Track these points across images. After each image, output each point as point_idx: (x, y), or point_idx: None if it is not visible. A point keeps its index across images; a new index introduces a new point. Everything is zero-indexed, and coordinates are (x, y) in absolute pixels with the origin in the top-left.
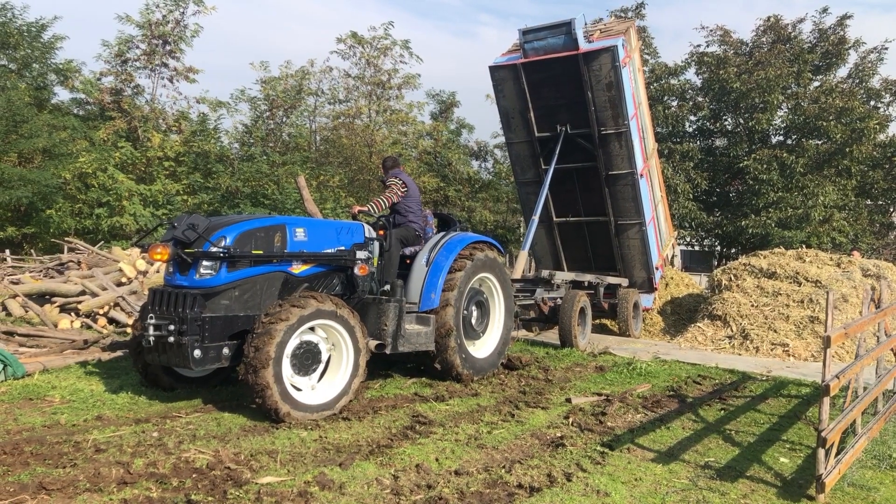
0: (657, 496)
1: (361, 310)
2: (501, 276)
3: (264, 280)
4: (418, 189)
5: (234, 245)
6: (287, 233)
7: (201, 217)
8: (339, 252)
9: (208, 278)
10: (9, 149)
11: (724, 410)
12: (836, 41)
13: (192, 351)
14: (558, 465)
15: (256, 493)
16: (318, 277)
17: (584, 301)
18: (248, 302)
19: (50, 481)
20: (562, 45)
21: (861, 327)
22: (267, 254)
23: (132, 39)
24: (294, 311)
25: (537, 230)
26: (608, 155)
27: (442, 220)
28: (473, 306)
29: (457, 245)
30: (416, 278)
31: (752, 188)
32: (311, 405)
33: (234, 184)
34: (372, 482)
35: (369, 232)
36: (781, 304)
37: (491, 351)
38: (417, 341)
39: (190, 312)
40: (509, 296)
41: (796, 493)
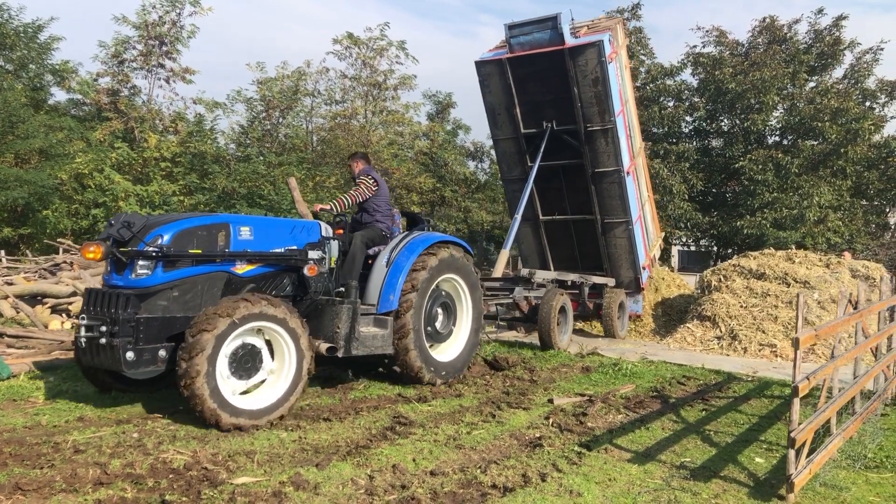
0: (629, 496)
1: (315, 312)
2: (469, 277)
3: (205, 280)
4: (387, 188)
5: (170, 244)
6: (231, 231)
7: (139, 215)
8: (290, 252)
9: (143, 278)
10: (5, 149)
11: (705, 411)
12: (831, 42)
13: (124, 353)
14: (534, 465)
15: (231, 493)
16: (265, 278)
17: (563, 300)
18: (189, 303)
19: (26, 482)
20: (548, 39)
21: (833, 329)
22: (206, 253)
23: (129, 40)
24: (221, 319)
25: (523, 228)
26: (594, 152)
27: (410, 219)
28: (438, 308)
29: (419, 245)
30: (375, 279)
31: (747, 189)
32: (253, 410)
33: (231, 184)
34: (347, 482)
35: (326, 231)
36: (770, 305)
37: (458, 353)
38: (373, 344)
39: (122, 313)
40: (477, 298)
41: (767, 493)
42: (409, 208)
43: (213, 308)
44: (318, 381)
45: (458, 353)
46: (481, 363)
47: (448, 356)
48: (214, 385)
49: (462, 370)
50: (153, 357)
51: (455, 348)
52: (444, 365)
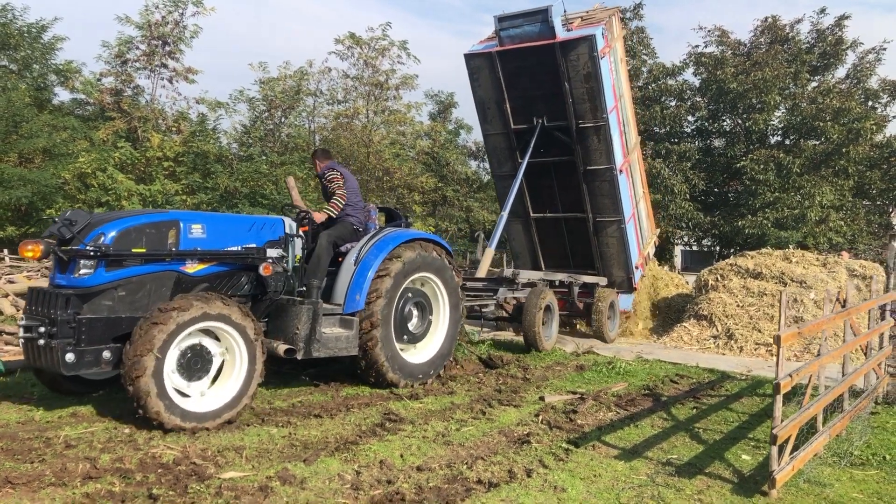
0: (612, 492)
1: (275, 312)
2: (445, 276)
3: (153, 280)
4: (356, 181)
5: (113, 243)
6: (181, 229)
7: (83, 213)
8: (247, 250)
9: (85, 277)
10: (9, 149)
11: (696, 409)
12: (833, 42)
13: (63, 355)
14: (521, 461)
15: (217, 487)
16: (219, 277)
17: (549, 299)
18: (135, 303)
19: (16, 476)
20: (538, 33)
21: (817, 327)
22: (150, 252)
23: (132, 40)
24: (172, 315)
25: (514, 226)
26: (586, 149)
27: (388, 214)
28: (412, 308)
29: (389, 243)
30: (342, 278)
31: (749, 188)
32: (201, 413)
33: (233, 184)
34: (334, 477)
35: (290, 228)
36: (766, 305)
37: (433, 355)
38: (337, 346)
39: (61, 313)
40: (454, 290)
41: (751, 490)
42: (411, 207)
43: (169, 303)
44: (310, 380)
45: (434, 353)
46: (475, 361)
47: (422, 357)
48: (161, 385)
49: (441, 366)
50: (96, 358)
51: (430, 349)
52: (416, 366)
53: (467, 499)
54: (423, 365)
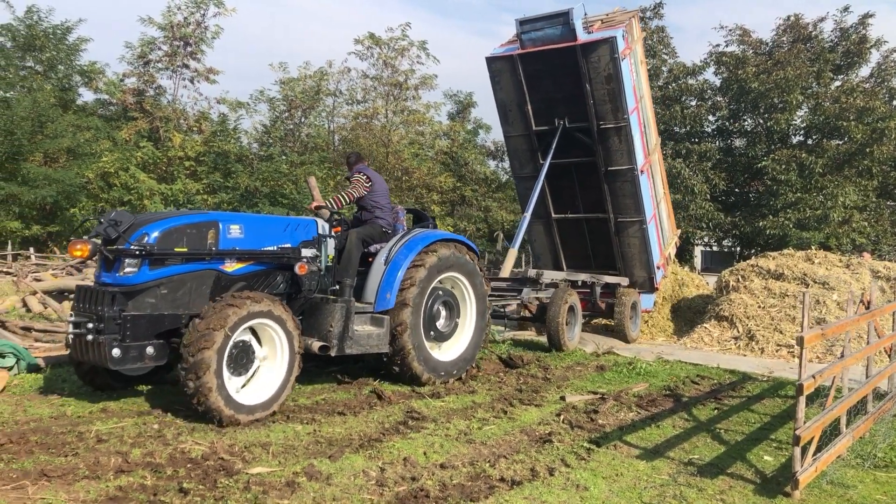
0: (635, 491)
1: (309, 310)
2: (472, 275)
3: (193, 278)
4: (385, 184)
5: (156, 243)
6: (220, 229)
7: (127, 213)
8: (283, 250)
9: (130, 276)
10: (35, 149)
11: (717, 410)
12: (857, 40)
13: (109, 350)
14: (543, 460)
15: (246, 482)
16: (256, 276)
17: (572, 299)
18: (176, 301)
19: (51, 469)
20: (559, 35)
21: (841, 328)
22: (192, 251)
23: (154, 41)
24: (231, 313)
25: (535, 227)
26: (607, 150)
27: (416, 216)
28: (440, 307)
29: (418, 243)
30: (373, 277)
31: (770, 189)
32: (249, 405)
33: (253, 183)
34: (359, 474)
35: (322, 228)
36: (788, 306)
37: (460, 353)
38: (368, 343)
39: (108, 310)
40: (482, 297)
41: (773, 490)
42: (430, 207)
43: (206, 321)
44: (333, 377)
45: (461, 352)
46: (496, 361)
47: (450, 355)
48: (221, 381)
49: (464, 369)
50: (140, 354)
51: (458, 347)
52: (445, 364)
53: (491, 496)
54: (452, 362)
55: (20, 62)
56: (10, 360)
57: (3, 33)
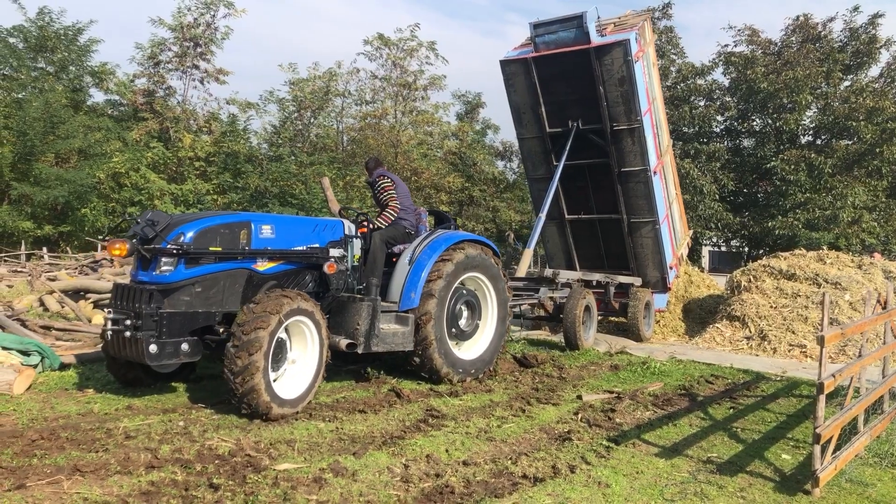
0: (656, 488)
1: (336, 308)
2: (494, 276)
3: (226, 277)
4: (406, 186)
5: (192, 242)
6: (252, 230)
7: (163, 214)
8: (311, 249)
9: (166, 274)
10: (46, 149)
11: (733, 409)
12: (867, 40)
13: (147, 346)
14: (563, 457)
15: (274, 478)
16: (286, 275)
17: (588, 299)
18: (211, 298)
19: (84, 464)
20: (573, 38)
21: (859, 328)
22: (227, 251)
23: (164, 42)
24: (272, 316)
25: (549, 228)
26: (620, 151)
27: (437, 217)
28: (462, 306)
29: (442, 243)
30: (398, 277)
31: (779, 189)
32: (287, 399)
33: (263, 184)
34: (383, 470)
35: (349, 229)
36: (800, 306)
37: (481, 352)
38: (394, 341)
39: (146, 308)
40: (503, 302)
41: (793, 488)
42: (438, 207)
43: (262, 305)
44: (351, 376)
45: (483, 350)
46: (510, 360)
47: (472, 354)
48: (268, 380)
49: (486, 367)
50: (175, 350)
51: (479, 346)
52: (467, 362)
53: (515, 492)
54: (474, 361)
55: (32, 63)
56: (36, 358)
57: (15, 34)
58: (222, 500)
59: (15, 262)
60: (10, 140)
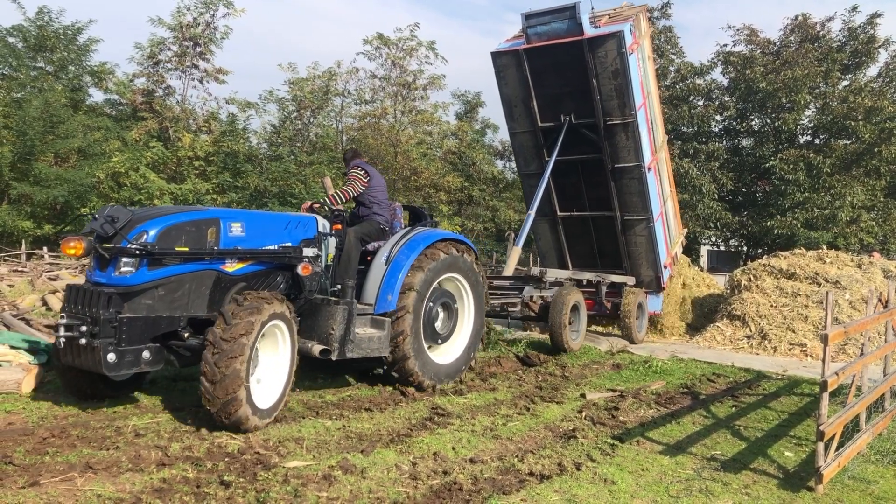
0: (661, 485)
1: (309, 311)
2: (471, 276)
3: (193, 279)
4: (384, 180)
5: (156, 241)
6: (221, 227)
7: (124, 209)
8: (284, 249)
9: (127, 276)
10: (46, 149)
11: (735, 407)
12: (865, 40)
13: (105, 354)
14: (569, 455)
15: (284, 475)
16: (257, 276)
17: (576, 298)
18: (175, 302)
19: (95, 462)
20: (565, 30)
21: (862, 327)
22: (194, 251)
23: (164, 42)
24: (256, 320)
25: (541, 225)
26: (614, 147)
27: (413, 213)
28: (439, 308)
29: (420, 243)
30: (373, 278)
31: (778, 188)
32: (263, 409)
33: (263, 183)
34: (391, 468)
35: (323, 227)
36: (800, 305)
37: (458, 356)
38: (370, 346)
39: (104, 312)
40: (480, 298)
41: (797, 485)
42: (438, 207)
43: (241, 310)
44: (354, 374)
45: (459, 354)
46: (513, 359)
47: (448, 358)
48: (249, 391)
49: (461, 373)
50: (136, 359)
51: (455, 350)
52: (443, 367)
53: (522, 489)
54: (450, 365)
55: (31, 63)
56: (43, 356)
57: (15, 34)
58: (234, 497)
59: (15, 261)
60: (9, 140)
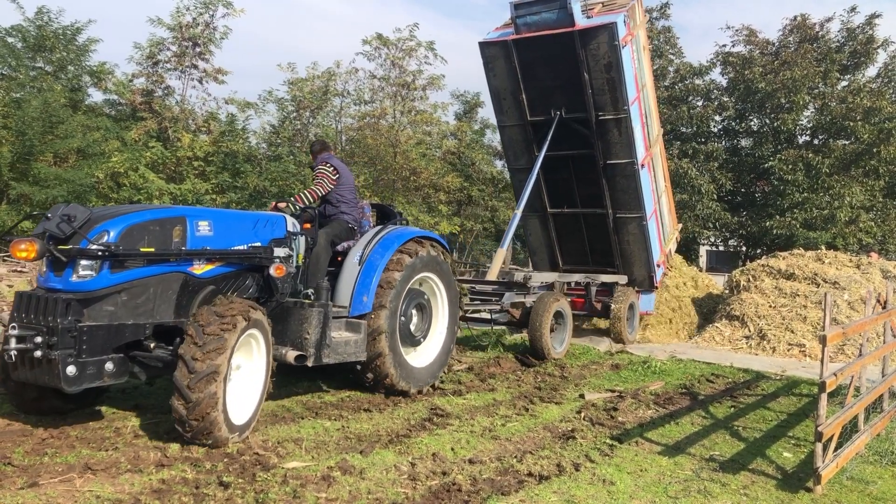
0: (660, 485)
1: (281, 315)
2: (445, 276)
3: (158, 282)
4: (352, 176)
5: (118, 241)
6: (187, 226)
7: (81, 207)
8: (253, 249)
9: (87, 280)
10: (45, 149)
11: (734, 408)
12: (864, 40)
13: (64, 368)
14: (568, 455)
15: (283, 476)
16: (226, 279)
17: (559, 305)
18: (139, 308)
19: (94, 462)
20: (556, 20)
21: (861, 327)
22: (160, 251)
23: (163, 42)
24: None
25: (531, 221)
26: (606, 142)
27: (381, 212)
28: (413, 309)
29: (394, 241)
30: (346, 279)
31: (777, 189)
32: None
33: (262, 183)
34: (390, 468)
35: (292, 225)
36: (799, 305)
37: (433, 359)
38: (346, 351)
39: (62, 321)
40: (455, 298)
41: (795, 486)
42: (437, 207)
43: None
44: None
45: (433, 357)
46: (512, 360)
47: (422, 361)
48: (225, 409)
49: (437, 375)
50: (98, 371)
51: (430, 353)
52: (419, 370)
53: (521, 490)
54: (426, 368)
55: (30, 63)
56: None
57: (14, 34)
58: (233, 497)
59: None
60: (8, 140)
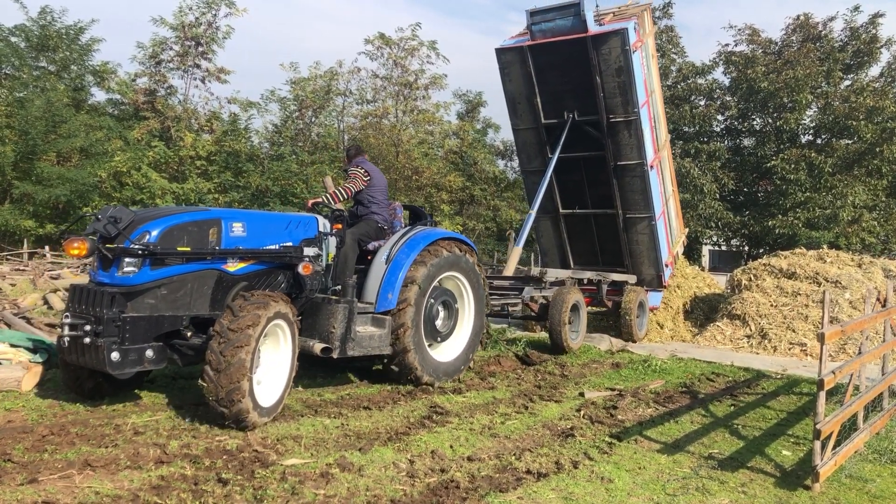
0: (658, 483)
1: (310, 310)
2: (472, 275)
3: (195, 278)
4: (385, 179)
5: (158, 241)
6: (222, 228)
7: (126, 210)
8: (285, 248)
9: (130, 276)
10: (48, 148)
11: (734, 406)
12: (867, 40)
13: (108, 353)
14: (567, 453)
15: (282, 473)
16: (258, 276)
17: (576, 298)
18: (178, 301)
19: (94, 459)
20: (570, 27)
21: (860, 326)
22: (195, 251)
23: (166, 41)
24: (262, 315)
25: (543, 222)
26: (617, 144)
27: (413, 213)
28: (439, 306)
29: (420, 241)
30: (373, 276)
31: (779, 188)
32: (265, 407)
33: (265, 182)
34: (389, 465)
35: (323, 226)
36: (801, 305)
37: (458, 353)
38: (370, 345)
39: (108, 312)
40: (480, 297)
41: (793, 483)
42: (439, 206)
43: (248, 303)
44: (355, 372)
45: (459, 352)
46: (513, 358)
47: (447, 356)
48: (252, 386)
49: (461, 370)
50: (139, 357)
51: (455, 348)
52: (443, 365)
53: (519, 487)
54: (450, 363)
55: (34, 62)
56: (43, 355)
57: (17, 34)
58: (232, 494)
59: (17, 260)
60: (12, 139)
